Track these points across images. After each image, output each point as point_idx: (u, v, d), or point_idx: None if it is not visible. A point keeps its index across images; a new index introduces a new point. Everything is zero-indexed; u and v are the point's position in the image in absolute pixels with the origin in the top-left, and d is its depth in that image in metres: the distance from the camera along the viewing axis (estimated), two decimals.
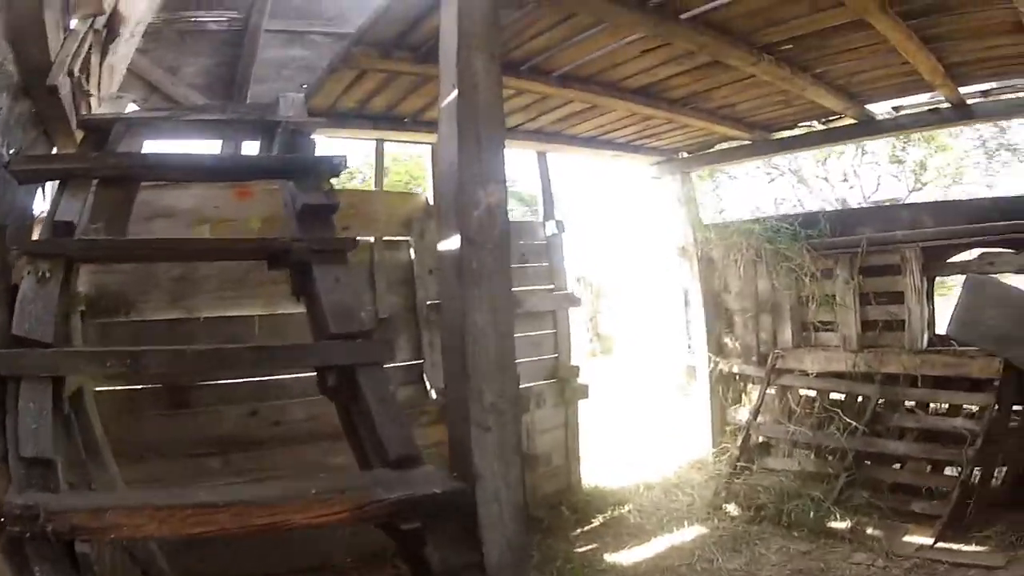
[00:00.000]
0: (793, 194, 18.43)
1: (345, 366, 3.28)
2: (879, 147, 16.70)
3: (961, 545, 5.73)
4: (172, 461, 5.18)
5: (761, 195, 18.42)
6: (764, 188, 18.22)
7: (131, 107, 5.69)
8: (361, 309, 3.62)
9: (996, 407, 6.26)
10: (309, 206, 3.83)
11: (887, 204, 15.18)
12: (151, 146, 4.65)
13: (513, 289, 6.70)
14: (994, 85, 6.86)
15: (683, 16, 5.13)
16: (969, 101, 6.95)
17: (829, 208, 17.16)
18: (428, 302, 6.49)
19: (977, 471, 6.19)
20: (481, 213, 3.51)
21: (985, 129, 16.14)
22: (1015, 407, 6.41)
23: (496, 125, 3.72)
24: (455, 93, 3.59)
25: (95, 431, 4.02)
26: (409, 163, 17.44)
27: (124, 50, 5.60)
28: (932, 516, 6.13)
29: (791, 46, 5.68)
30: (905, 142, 16.23)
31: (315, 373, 3.44)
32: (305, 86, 6.92)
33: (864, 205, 17.09)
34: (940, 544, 5.79)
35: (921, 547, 5.79)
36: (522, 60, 5.94)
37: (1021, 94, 6.72)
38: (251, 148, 5.11)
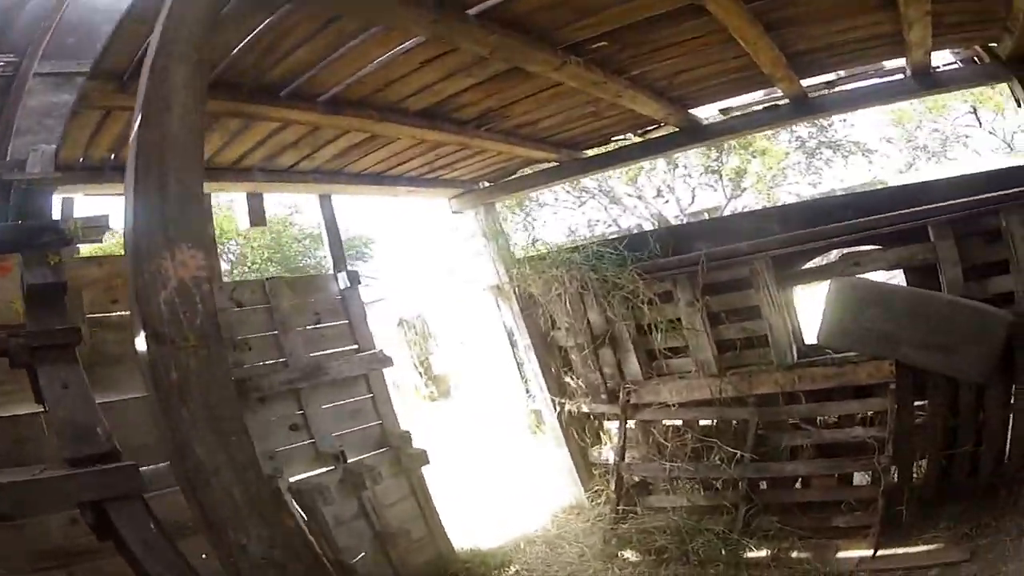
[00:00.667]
0: (606, 215, 18.05)
1: (93, 502, 2.67)
2: (691, 159, 16.63)
3: (906, 548, 5.60)
4: None
5: (573, 219, 18.01)
6: (575, 212, 17.76)
7: None
8: (98, 422, 2.91)
9: (897, 409, 6.03)
10: (33, 286, 3.22)
11: (725, 215, 14.99)
12: None
13: (312, 355, 6.58)
14: (841, 74, 6.35)
15: (471, 11, 4.10)
16: (812, 95, 6.42)
17: (647, 226, 16.84)
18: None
19: (895, 473, 6.03)
20: (170, 295, 2.48)
21: (802, 129, 16.32)
22: (915, 403, 6.20)
23: (191, 163, 2.70)
24: (139, 118, 2.65)
25: None
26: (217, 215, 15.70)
27: None
28: (859, 528, 5.97)
29: (605, 43, 4.72)
30: (720, 150, 16.15)
31: None
32: None
33: (694, 219, 17.08)
34: (882, 552, 5.64)
35: (861, 560, 5.66)
36: (280, 82, 4.80)
37: (869, 81, 6.27)
38: None
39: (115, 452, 2.80)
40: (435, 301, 19.76)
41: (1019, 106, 6.35)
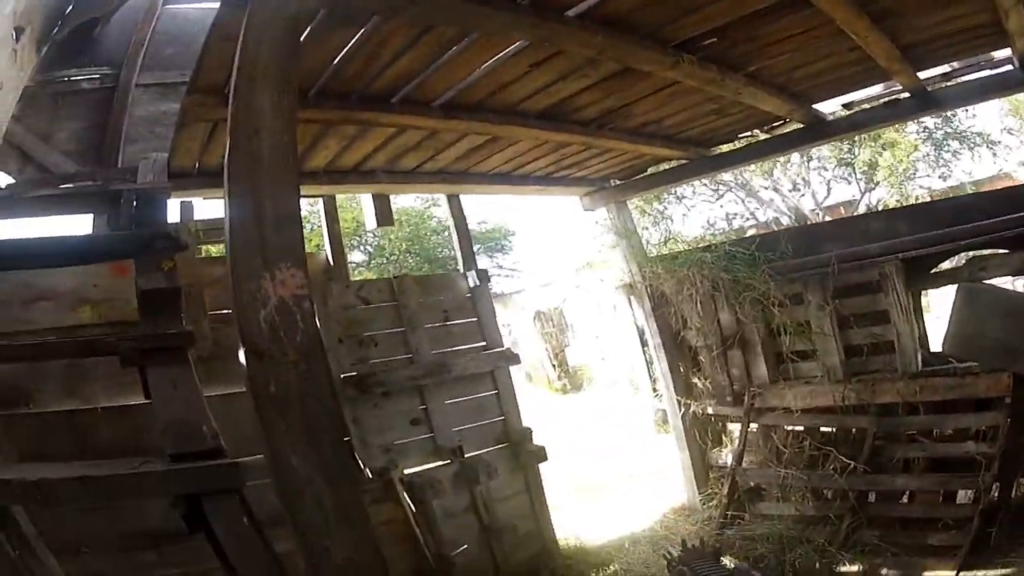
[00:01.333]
0: (744, 208, 17.60)
1: (189, 495, 2.59)
2: (824, 151, 16.02)
3: (987, 571, 5.31)
4: (106, 555, 4.68)
5: (711, 212, 17.63)
6: (712, 205, 17.39)
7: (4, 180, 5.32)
8: (204, 420, 2.83)
9: (1009, 424, 5.62)
10: (146, 292, 3.14)
11: (854, 215, 14.35)
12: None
13: (438, 352, 6.72)
14: (955, 66, 5.94)
15: (570, 13, 4.07)
16: (930, 88, 6.03)
17: (784, 220, 16.32)
18: (342, 375, 6.02)
19: (996, 492, 5.60)
20: (270, 313, 2.53)
21: (929, 119, 15.55)
22: None
23: (285, 185, 2.71)
24: (229, 144, 2.70)
25: (22, 526, 3.26)
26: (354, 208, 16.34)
27: None
28: (951, 547, 5.66)
29: (715, 40, 4.60)
30: (852, 143, 15.50)
31: None
32: None
33: (825, 218, 16.36)
34: (964, 574, 5.35)
35: None
36: (390, 90, 4.90)
37: (983, 73, 5.85)
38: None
39: (219, 449, 2.73)
40: (572, 295, 19.71)
41: None
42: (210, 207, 6.50)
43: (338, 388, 5.94)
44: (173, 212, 4.52)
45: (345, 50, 4.16)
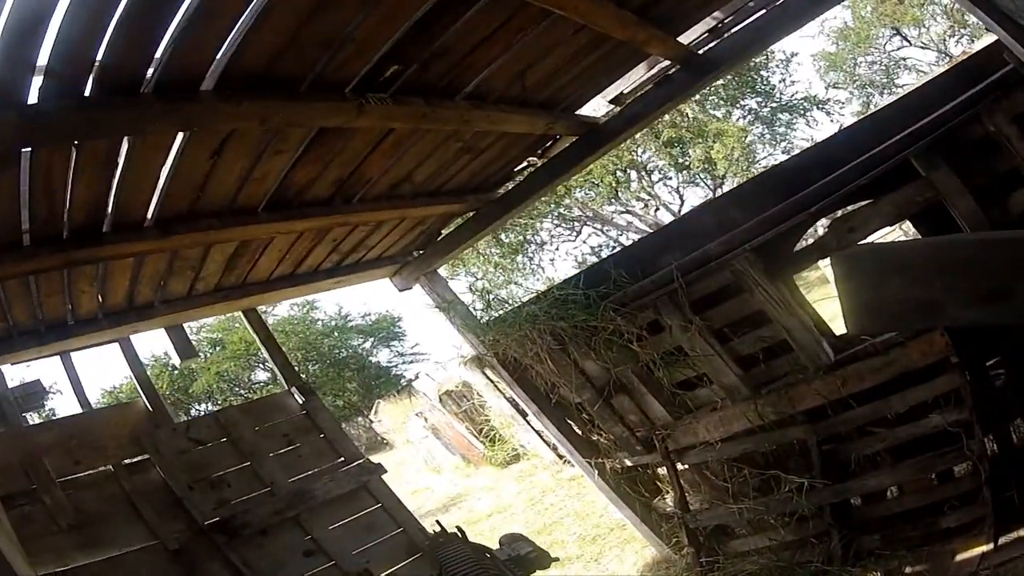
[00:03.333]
0: (606, 238, 17.40)
1: None
2: (657, 160, 15.97)
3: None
4: None
5: (576, 250, 17.39)
6: (575, 244, 17.15)
7: None
8: None
9: (970, 380, 5.18)
10: None
11: (677, 218, 14.08)
12: None
13: (296, 479, 6.23)
14: (719, 16, 5.26)
15: (205, 87, 3.43)
16: (701, 51, 5.40)
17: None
18: (206, 523, 5.61)
19: (992, 451, 5.29)
20: None
21: (751, 100, 15.69)
22: (987, 364, 5.44)
23: None
24: None
25: None
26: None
27: None
28: (972, 523, 5.32)
29: (396, 67, 3.86)
30: (680, 145, 15.45)
31: None
32: None
33: (650, 229, 16.16)
34: (1003, 541, 5.04)
35: (985, 555, 5.05)
36: (92, 222, 4.32)
37: (760, 14, 5.19)
38: None
39: None
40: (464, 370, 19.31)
41: None
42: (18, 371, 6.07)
43: (209, 535, 5.52)
44: None
45: (23, 191, 3.67)
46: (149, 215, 4.45)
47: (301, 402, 6.78)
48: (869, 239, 5.58)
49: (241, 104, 3.48)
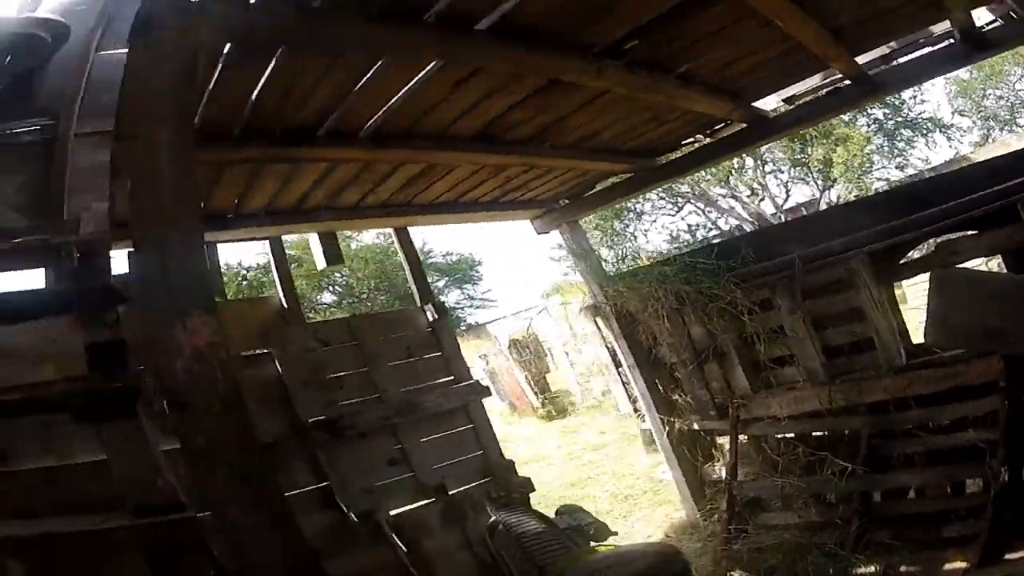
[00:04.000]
0: (704, 218, 17.56)
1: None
2: (777, 153, 16.02)
3: (1013, 554, 5.21)
4: None
5: (672, 226, 17.56)
6: (673, 218, 17.33)
7: None
8: (160, 475, 2.73)
9: (1007, 407, 5.41)
10: (92, 346, 2.98)
11: (812, 213, 14.24)
12: None
13: (407, 389, 6.57)
14: (893, 46, 5.75)
15: (480, 26, 3.88)
16: (871, 72, 5.83)
17: (747, 227, 16.33)
18: (311, 420, 5.86)
19: (1005, 476, 5.40)
20: (187, 363, 2.44)
21: (878, 110, 15.62)
22: None
23: (191, 225, 2.71)
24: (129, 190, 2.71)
25: None
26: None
27: None
28: (969, 537, 5.49)
29: (636, 42, 4.40)
30: (803, 142, 15.49)
31: None
32: None
33: (784, 218, 16.24)
34: (987, 561, 5.22)
35: (967, 571, 5.29)
36: (313, 124, 4.66)
37: (924, 51, 5.67)
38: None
39: (177, 503, 2.68)
40: (546, 319, 19.54)
41: None
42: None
43: (310, 432, 5.80)
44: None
45: (260, 85, 3.97)
46: (366, 127, 4.88)
47: (431, 319, 7.09)
48: (966, 264, 5.94)
49: (508, 49, 4.03)
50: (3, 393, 4.24)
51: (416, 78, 4.33)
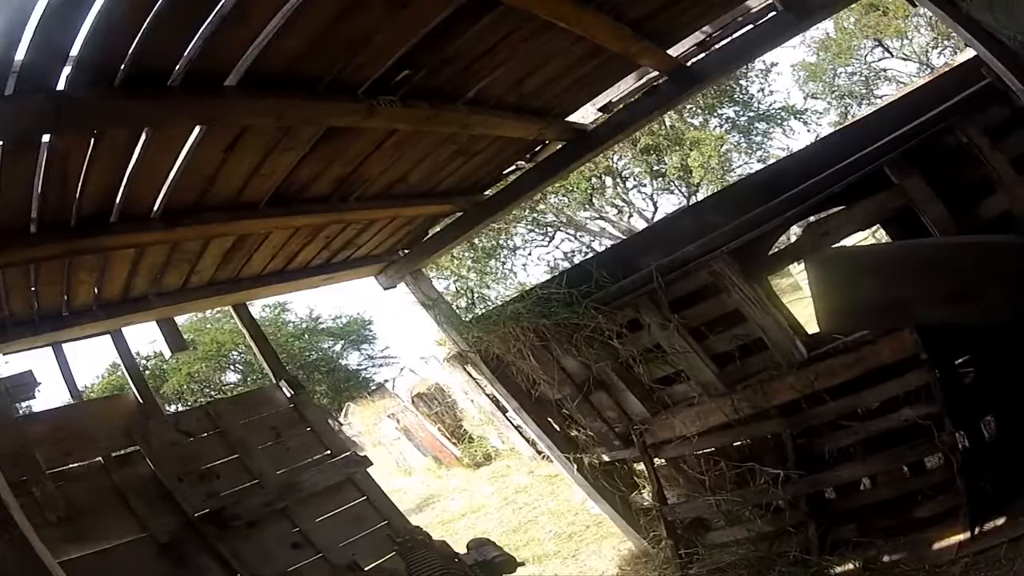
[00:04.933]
0: (579, 243, 17.56)
1: None
2: (633, 167, 16.13)
3: (1004, 517, 5.12)
4: None
5: (549, 256, 17.50)
6: (547, 249, 17.28)
7: None
8: None
9: (939, 376, 5.32)
10: None
11: (658, 220, 14.31)
12: None
13: (283, 471, 6.26)
14: (708, 31, 5.48)
15: (229, 83, 3.56)
16: (689, 63, 5.61)
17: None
18: (196, 514, 5.56)
19: (964, 444, 5.43)
20: None
21: (728, 109, 15.92)
22: (957, 363, 5.64)
23: None
24: None
25: None
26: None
27: None
28: (947, 512, 5.42)
29: (408, 72, 4.06)
30: (657, 153, 15.61)
31: None
32: None
33: (623, 235, 16.32)
34: (979, 531, 5.15)
35: (962, 543, 5.15)
36: (102, 211, 4.36)
37: (746, 30, 5.43)
38: None
39: None
40: (444, 368, 19.24)
41: (913, 5, 5.58)
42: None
43: (198, 527, 5.49)
44: None
45: (39, 177, 3.71)
46: (155, 207, 4.53)
47: (289, 395, 6.82)
48: (843, 242, 5.79)
49: (262, 101, 3.66)
50: None
51: (185, 148, 4.01)
